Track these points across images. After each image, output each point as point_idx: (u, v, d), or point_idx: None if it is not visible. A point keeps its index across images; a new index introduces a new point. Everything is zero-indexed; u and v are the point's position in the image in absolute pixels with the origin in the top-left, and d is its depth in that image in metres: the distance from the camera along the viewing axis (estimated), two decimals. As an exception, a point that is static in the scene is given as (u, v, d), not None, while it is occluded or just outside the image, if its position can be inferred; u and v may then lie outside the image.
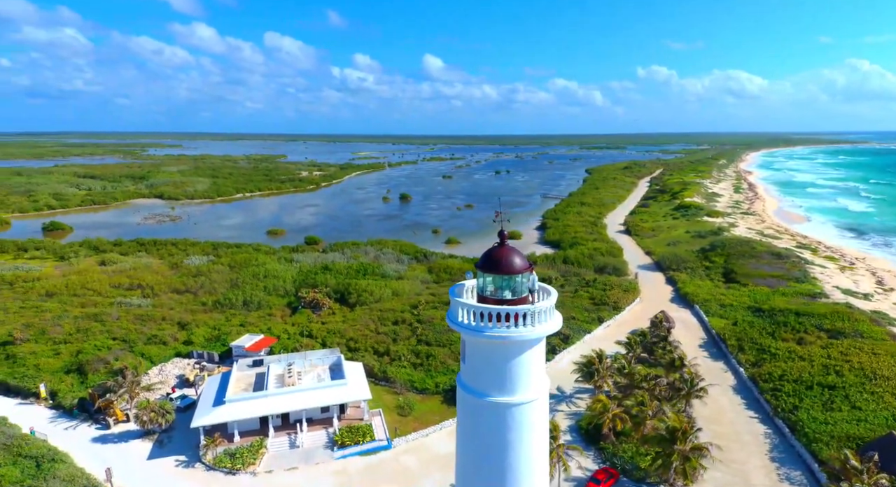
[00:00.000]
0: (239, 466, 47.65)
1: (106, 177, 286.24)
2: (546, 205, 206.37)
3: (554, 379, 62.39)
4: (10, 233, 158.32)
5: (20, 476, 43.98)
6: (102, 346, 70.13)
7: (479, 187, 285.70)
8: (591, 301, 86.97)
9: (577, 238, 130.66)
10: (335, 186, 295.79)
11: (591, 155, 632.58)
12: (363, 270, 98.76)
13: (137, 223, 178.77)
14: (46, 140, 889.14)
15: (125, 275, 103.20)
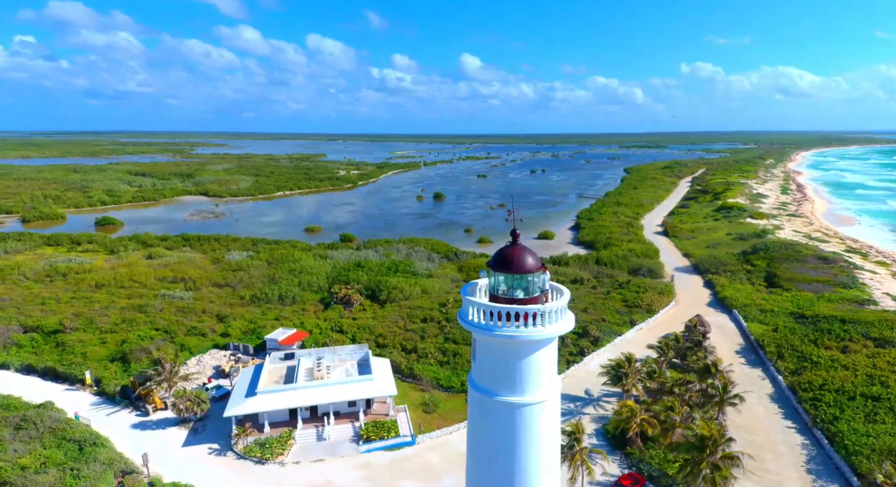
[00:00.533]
0: (268, 456, 49.08)
1: (156, 175, 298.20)
2: (581, 204, 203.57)
3: (582, 381, 62.20)
4: (66, 227, 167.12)
5: (63, 459, 46.51)
6: (145, 336, 73.33)
7: (514, 186, 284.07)
8: (623, 303, 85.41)
9: (612, 239, 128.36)
10: (371, 185, 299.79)
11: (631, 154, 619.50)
12: (394, 268, 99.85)
13: (183, 219, 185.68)
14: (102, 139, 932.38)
15: (169, 269, 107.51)
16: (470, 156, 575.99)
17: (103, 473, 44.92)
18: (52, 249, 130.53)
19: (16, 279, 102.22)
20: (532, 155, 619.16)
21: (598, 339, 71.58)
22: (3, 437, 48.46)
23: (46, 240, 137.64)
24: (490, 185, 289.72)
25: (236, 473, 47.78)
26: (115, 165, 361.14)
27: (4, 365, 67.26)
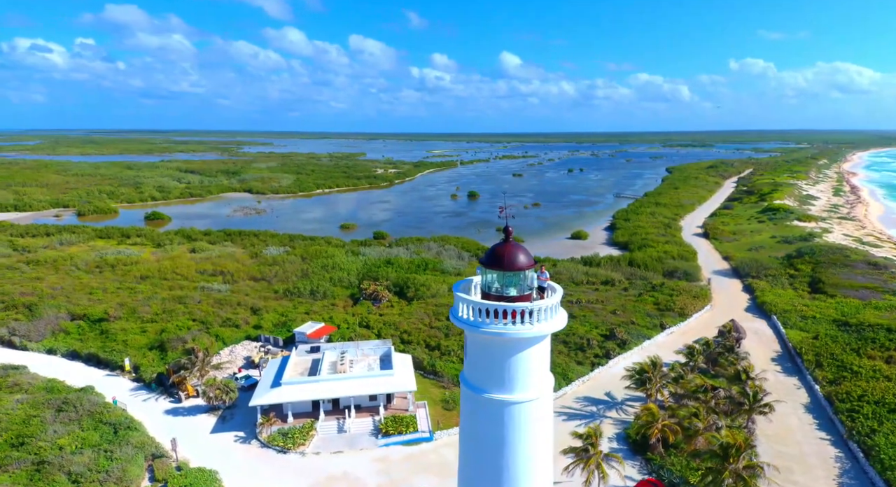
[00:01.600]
0: (290, 445, 50.42)
1: (204, 172, 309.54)
2: (618, 204, 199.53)
3: (605, 384, 61.18)
4: (118, 221, 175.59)
5: (99, 441, 49.05)
6: (183, 326, 76.40)
7: (549, 186, 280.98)
8: (655, 306, 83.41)
9: (648, 240, 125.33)
10: (407, 183, 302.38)
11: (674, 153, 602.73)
12: (424, 265, 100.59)
13: (227, 215, 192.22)
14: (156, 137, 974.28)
15: (210, 262, 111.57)
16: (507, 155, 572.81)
17: (135, 456, 47.17)
18: (103, 242, 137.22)
19: (68, 269, 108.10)
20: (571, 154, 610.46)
21: (625, 342, 70.22)
22: (45, 418, 51.50)
23: (99, 233, 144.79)
24: (525, 184, 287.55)
25: (259, 460, 49.32)
26: (166, 162, 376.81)
27: (52, 351, 71.37)
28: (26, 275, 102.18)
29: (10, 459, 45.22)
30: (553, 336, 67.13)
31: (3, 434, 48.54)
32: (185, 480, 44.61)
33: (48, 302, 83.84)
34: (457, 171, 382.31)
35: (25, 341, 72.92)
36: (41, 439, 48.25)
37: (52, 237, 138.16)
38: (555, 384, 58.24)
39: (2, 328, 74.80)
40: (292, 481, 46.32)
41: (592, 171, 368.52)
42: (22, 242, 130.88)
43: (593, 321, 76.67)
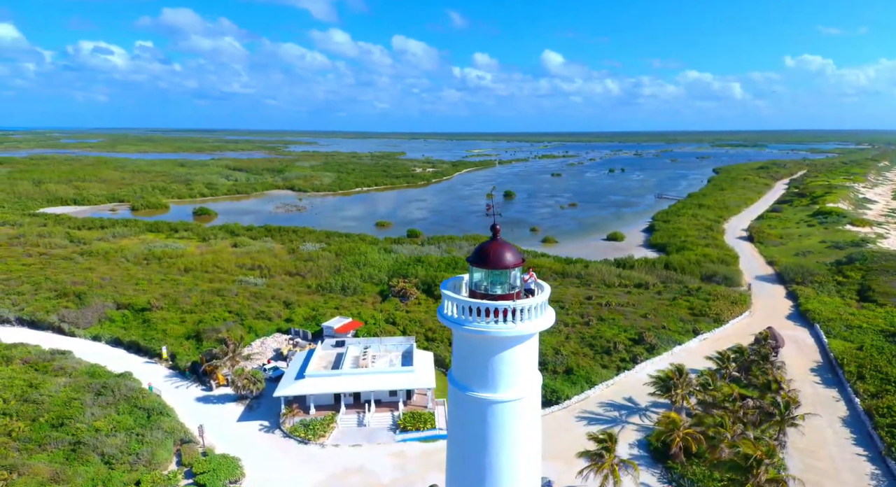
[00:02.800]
0: (311, 437, 51.66)
1: (250, 170, 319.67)
2: (659, 206, 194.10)
3: (630, 389, 59.90)
4: (168, 216, 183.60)
5: (132, 424, 51.53)
6: (219, 317, 79.28)
7: (588, 186, 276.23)
8: (689, 311, 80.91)
9: (687, 242, 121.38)
10: (444, 182, 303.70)
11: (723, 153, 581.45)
12: (454, 264, 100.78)
13: (270, 211, 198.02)
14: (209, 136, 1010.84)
15: (249, 257, 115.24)
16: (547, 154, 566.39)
17: (164, 440, 49.39)
18: (153, 235, 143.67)
19: (118, 261, 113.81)
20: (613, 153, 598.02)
21: (654, 347, 68.42)
22: (84, 401, 54.49)
23: (149, 227, 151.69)
24: (563, 184, 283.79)
25: (281, 450, 50.73)
26: (216, 160, 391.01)
27: (97, 337, 75.38)
28: (79, 266, 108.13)
29: (50, 439, 48.15)
30: (579, 338, 66.14)
31: (45, 415, 51.68)
32: (208, 465, 46.39)
33: (97, 292, 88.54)
34: (494, 171, 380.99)
35: (73, 327, 77.30)
36: (79, 421, 51.12)
37: (106, 230, 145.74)
38: (578, 387, 57.88)
39: (53, 315, 79.51)
40: (310, 472, 47.43)
41: (634, 171, 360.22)
42: (78, 234, 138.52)
43: (622, 324, 75.04)
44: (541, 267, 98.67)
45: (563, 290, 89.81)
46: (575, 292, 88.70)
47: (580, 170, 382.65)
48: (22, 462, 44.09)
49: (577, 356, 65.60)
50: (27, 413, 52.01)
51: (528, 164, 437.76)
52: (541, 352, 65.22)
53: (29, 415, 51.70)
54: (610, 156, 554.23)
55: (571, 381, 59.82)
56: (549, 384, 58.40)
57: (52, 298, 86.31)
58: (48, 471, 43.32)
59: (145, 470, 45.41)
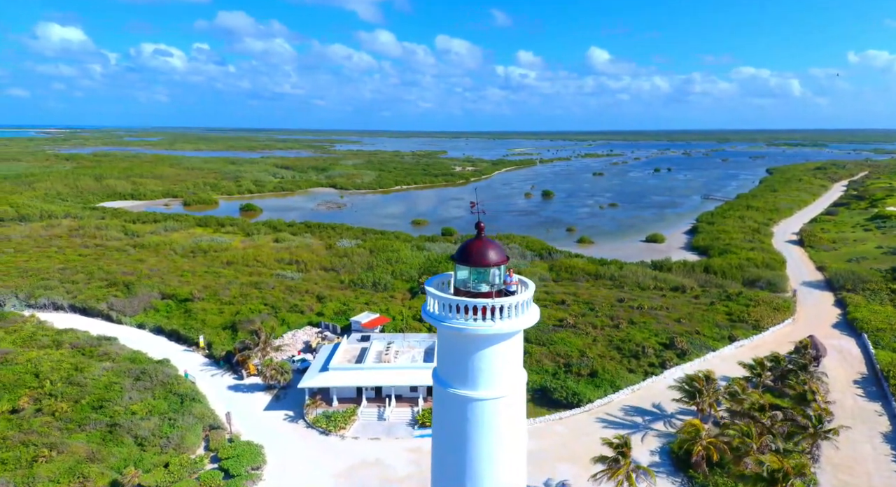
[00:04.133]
0: (332, 428, 52.87)
1: (296, 168, 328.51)
2: (705, 207, 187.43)
3: (656, 395, 58.38)
4: (217, 211, 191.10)
5: (166, 409, 54.07)
6: (255, 309, 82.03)
7: (631, 186, 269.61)
8: (727, 316, 78.04)
9: (731, 245, 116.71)
10: (483, 181, 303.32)
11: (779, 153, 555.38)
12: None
13: (312, 208, 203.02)
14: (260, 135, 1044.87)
15: (288, 252, 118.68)
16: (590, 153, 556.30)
17: (194, 425, 51.64)
18: (201, 229, 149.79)
19: (167, 253, 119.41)
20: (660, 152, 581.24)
21: (685, 352, 66.33)
22: (124, 386, 57.58)
23: (198, 222, 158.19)
24: (605, 184, 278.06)
25: (302, 440, 52.15)
26: (265, 159, 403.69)
27: (141, 325, 79.44)
28: (131, 257, 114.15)
29: (89, 420, 51.19)
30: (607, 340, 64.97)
31: (87, 397, 54.95)
32: (233, 451, 48.21)
33: (144, 282, 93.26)
34: (535, 170, 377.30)
35: (121, 315, 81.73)
36: (117, 404, 54.10)
37: (159, 224, 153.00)
38: (601, 390, 56.80)
39: (102, 303, 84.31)
40: (329, 462, 48.56)
41: (682, 171, 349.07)
42: (133, 227, 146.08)
43: (653, 328, 73.07)
44: (573, 268, 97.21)
45: (595, 292, 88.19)
46: (606, 294, 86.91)
47: (624, 169, 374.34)
48: (61, 440, 47.13)
49: (604, 359, 64.36)
50: (71, 394, 55.43)
51: (570, 163, 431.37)
52: (565, 354, 64.62)
53: (72, 397, 55.09)
54: (657, 155, 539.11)
55: (595, 384, 58.79)
56: (570, 386, 57.64)
57: (103, 287, 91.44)
58: (85, 450, 46.13)
59: (174, 453, 47.62)
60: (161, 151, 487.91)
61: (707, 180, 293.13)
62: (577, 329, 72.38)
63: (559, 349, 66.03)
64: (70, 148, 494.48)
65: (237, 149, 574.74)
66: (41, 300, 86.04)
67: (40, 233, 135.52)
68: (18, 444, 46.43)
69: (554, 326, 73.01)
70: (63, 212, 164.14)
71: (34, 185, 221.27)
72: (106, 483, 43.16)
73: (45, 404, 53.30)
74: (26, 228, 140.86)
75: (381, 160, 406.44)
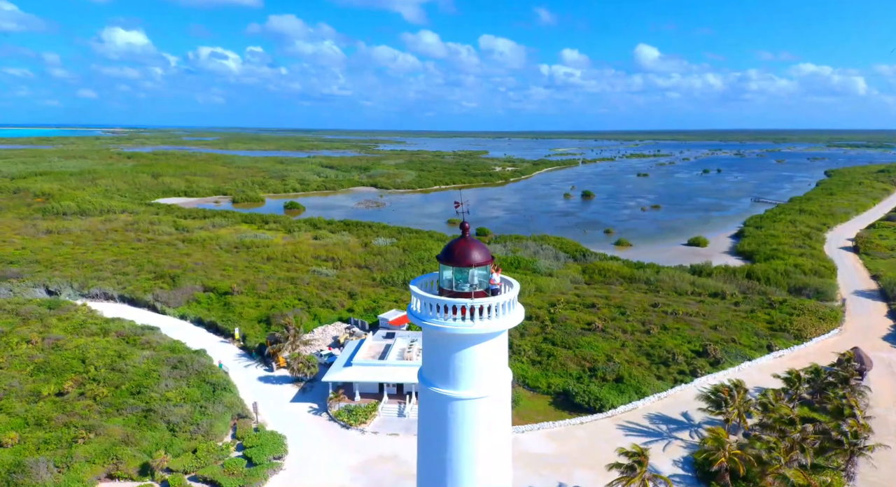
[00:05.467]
0: (353, 422, 53.94)
1: (340, 168, 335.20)
2: (754, 210, 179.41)
3: (683, 404, 56.79)
4: (262, 209, 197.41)
5: (199, 397, 56.46)
6: (289, 304, 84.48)
7: (676, 187, 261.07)
8: (768, 325, 74.77)
9: (779, 251, 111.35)
10: (523, 182, 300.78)
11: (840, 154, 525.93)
12: (516, 263, 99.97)
13: (352, 206, 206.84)
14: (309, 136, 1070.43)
15: (325, 249, 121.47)
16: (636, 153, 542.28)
17: (223, 414, 53.75)
18: (246, 226, 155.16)
19: (212, 248, 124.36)
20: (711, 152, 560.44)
21: (718, 361, 64.00)
22: (161, 373, 60.51)
23: (244, 219, 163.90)
24: (648, 185, 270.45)
25: (324, 432, 53.43)
26: (311, 158, 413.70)
27: (183, 316, 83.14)
28: (179, 251, 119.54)
29: (126, 405, 54.09)
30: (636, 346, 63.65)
31: (127, 383, 58.08)
32: (257, 440, 49.95)
33: (189, 275, 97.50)
34: (577, 170, 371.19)
35: (165, 306, 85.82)
36: (154, 390, 56.93)
37: (207, 220, 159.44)
38: (625, 396, 55.61)
39: (149, 294, 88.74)
40: (348, 455, 49.59)
41: (732, 172, 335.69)
42: (183, 223, 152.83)
43: (687, 335, 70.78)
44: (606, 271, 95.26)
45: (628, 296, 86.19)
46: (640, 298, 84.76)
47: (670, 170, 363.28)
48: (100, 423, 50.03)
49: (631, 365, 62.89)
50: (112, 380, 58.72)
51: (614, 164, 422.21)
52: (591, 358, 63.51)
53: (114, 382, 58.34)
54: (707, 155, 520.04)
55: (619, 390, 57.54)
56: (593, 390, 56.64)
57: (150, 279, 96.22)
58: (120, 433, 48.82)
59: (203, 440, 49.73)
60: (215, 150, 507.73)
61: (759, 182, 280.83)
62: (606, 333, 70.99)
63: (585, 353, 64.96)
64: (132, 147, 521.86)
65: (286, 148, 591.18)
66: (94, 290, 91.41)
67: (98, 227, 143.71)
68: (61, 425, 49.63)
69: (582, 329, 71.87)
70: (121, 207, 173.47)
71: (96, 182, 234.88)
72: (137, 465, 45.58)
73: (88, 388, 56.65)
74: (86, 222, 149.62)
75: (422, 160, 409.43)
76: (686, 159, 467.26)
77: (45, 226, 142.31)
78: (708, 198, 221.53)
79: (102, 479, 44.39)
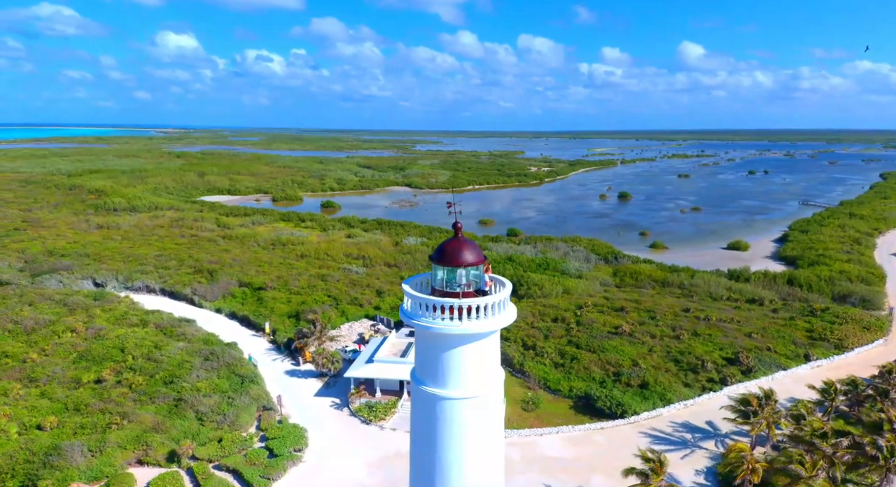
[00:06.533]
0: (372, 418, 54.71)
1: (376, 167, 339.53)
2: (801, 213, 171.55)
3: (710, 413, 55.28)
4: (300, 208, 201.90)
5: (227, 388, 58.35)
6: (319, 300, 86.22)
7: (719, 189, 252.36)
8: (807, 333, 71.63)
9: (825, 256, 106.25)
10: (558, 182, 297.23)
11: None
12: (545, 265, 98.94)
13: (386, 206, 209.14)
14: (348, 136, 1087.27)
15: (357, 247, 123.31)
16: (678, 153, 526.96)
17: (249, 405, 55.44)
18: (283, 224, 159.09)
19: (250, 245, 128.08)
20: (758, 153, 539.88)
21: (750, 369, 61.76)
22: (194, 364, 62.84)
23: (282, 217, 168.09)
24: (690, 186, 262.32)
25: (344, 427, 54.39)
26: (350, 158, 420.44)
27: (219, 310, 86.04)
28: (218, 247, 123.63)
29: (159, 393, 56.45)
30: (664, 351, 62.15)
31: (161, 373, 60.60)
32: (279, 432, 51.32)
33: (226, 270, 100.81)
34: (614, 171, 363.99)
35: (202, 300, 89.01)
36: (185, 380, 59.18)
37: (248, 217, 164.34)
38: (649, 403, 54.42)
39: (187, 288, 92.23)
40: (366, 450, 50.35)
41: (780, 174, 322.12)
42: (225, 220, 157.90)
43: (719, 341, 68.54)
44: (638, 274, 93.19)
45: (659, 300, 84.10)
46: (671, 303, 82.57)
47: (714, 171, 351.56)
48: (133, 410, 52.43)
49: (658, 370, 61.40)
50: (148, 369, 61.39)
51: (654, 164, 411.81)
52: (616, 362, 62.34)
53: (149, 372, 60.98)
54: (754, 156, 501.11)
55: (643, 396, 56.32)
56: (616, 395, 55.64)
57: (190, 273, 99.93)
58: (152, 421, 51.03)
59: (228, 430, 51.42)
60: (259, 150, 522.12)
61: (808, 184, 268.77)
62: (634, 337, 69.51)
63: (610, 357, 63.80)
64: (182, 146, 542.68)
65: (326, 148, 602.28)
66: (137, 283, 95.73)
67: (146, 223, 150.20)
68: (97, 411, 52.27)
69: (609, 333, 70.59)
70: (168, 204, 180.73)
71: (146, 180, 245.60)
72: (165, 452, 47.54)
73: (124, 376, 59.42)
74: (134, 218, 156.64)
75: (458, 160, 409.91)
76: (731, 160, 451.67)
77: (97, 221, 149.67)
78: (752, 200, 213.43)
79: (132, 464, 46.51)
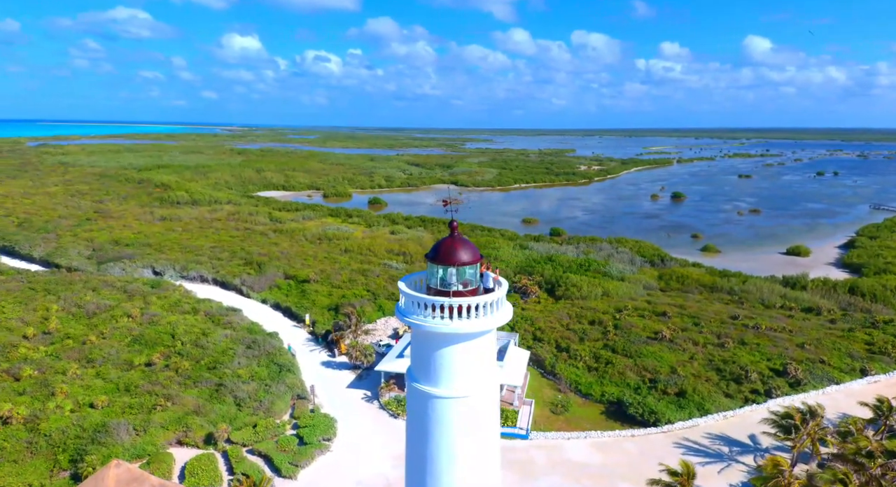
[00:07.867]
0: (400, 412, 55.37)
1: (424, 165, 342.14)
2: (872, 218, 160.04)
3: (752, 426, 53.08)
4: (348, 204, 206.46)
5: (265, 376, 60.57)
6: (358, 294, 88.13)
7: (782, 190, 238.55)
8: (866, 346, 67.07)
9: (893, 264, 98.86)
10: (608, 181, 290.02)
11: None
12: (586, 265, 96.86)
13: (431, 203, 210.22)
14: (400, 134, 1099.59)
15: (398, 243, 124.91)
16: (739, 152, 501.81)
17: (284, 394, 57.38)
18: (332, 219, 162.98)
19: (298, 239, 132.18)
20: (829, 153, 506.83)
21: (799, 382, 58.44)
22: (236, 352, 65.59)
23: (331, 212, 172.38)
24: (750, 187, 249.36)
25: (373, 419, 55.39)
26: (399, 156, 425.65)
27: (264, 301, 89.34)
28: (269, 240, 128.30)
29: (202, 378, 59.29)
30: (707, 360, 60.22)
31: (206, 359, 63.62)
32: (311, 421, 52.85)
33: (274, 263, 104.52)
34: (669, 170, 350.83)
35: (249, 290, 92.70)
36: (227, 367, 61.87)
37: (299, 212, 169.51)
38: (685, 412, 52.59)
39: (237, 278, 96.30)
40: (392, 444, 51.02)
41: (851, 175, 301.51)
42: (277, 214, 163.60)
43: (767, 351, 65.18)
44: (685, 278, 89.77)
45: (706, 305, 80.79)
46: (719, 309, 79.11)
47: (778, 171, 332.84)
48: (177, 393, 55.33)
49: (697, 379, 59.10)
50: (194, 355, 64.60)
51: (713, 163, 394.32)
52: (653, 369, 60.44)
53: (195, 357, 64.16)
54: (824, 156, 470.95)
55: (679, 405, 54.36)
56: (649, 403, 53.99)
57: (240, 265, 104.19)
58: (193, 404, 53.70)
59: (263, 416, 53.42)
60: (314, 148, 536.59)
61: (882, 187, 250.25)
62: (674, 344, 67.13)
63: (647, 363, 61.91)
64: (244, 144, 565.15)
65: (378, 146, 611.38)
66: (191, 273, 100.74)
67: (205, 216, 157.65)
68: (145, 393, 55.48)
69: (648, 338, 68.48)
70: (226, 198, 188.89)
71: (208, 175, 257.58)
72: (203, 434, 49.92)
73: (172, 361, 62.78)
74: (195, 211, 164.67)
75: (506, 158, 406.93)
76: (798, 160, 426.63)
77: (161, 213, 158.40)
78: (818, 203, 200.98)
79: (172, 444, 49.13)
